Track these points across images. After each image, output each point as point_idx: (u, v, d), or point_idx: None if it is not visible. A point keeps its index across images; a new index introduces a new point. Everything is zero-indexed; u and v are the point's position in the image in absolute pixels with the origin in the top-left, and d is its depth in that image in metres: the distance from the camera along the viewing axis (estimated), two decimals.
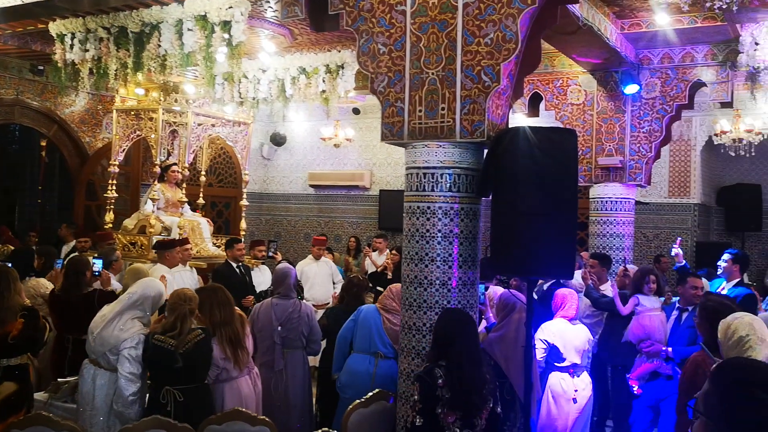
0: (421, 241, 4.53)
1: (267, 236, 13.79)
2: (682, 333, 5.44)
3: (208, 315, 4.61)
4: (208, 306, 4.62)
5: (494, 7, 4.25)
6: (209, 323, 4.58)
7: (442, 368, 3.69)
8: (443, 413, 3.66)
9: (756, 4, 5.89)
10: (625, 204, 7.98)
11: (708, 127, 10.90)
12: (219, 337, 4.55)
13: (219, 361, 4.54)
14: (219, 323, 4.58)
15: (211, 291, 4.81)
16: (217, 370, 4.55)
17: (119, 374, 4.34)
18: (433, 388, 3.66)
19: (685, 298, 5.59)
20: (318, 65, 8.21)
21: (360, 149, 13.33)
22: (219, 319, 4.59)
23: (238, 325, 4.66)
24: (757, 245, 12.39)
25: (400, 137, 4.59)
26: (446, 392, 3.65)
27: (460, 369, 3.67)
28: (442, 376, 3.66)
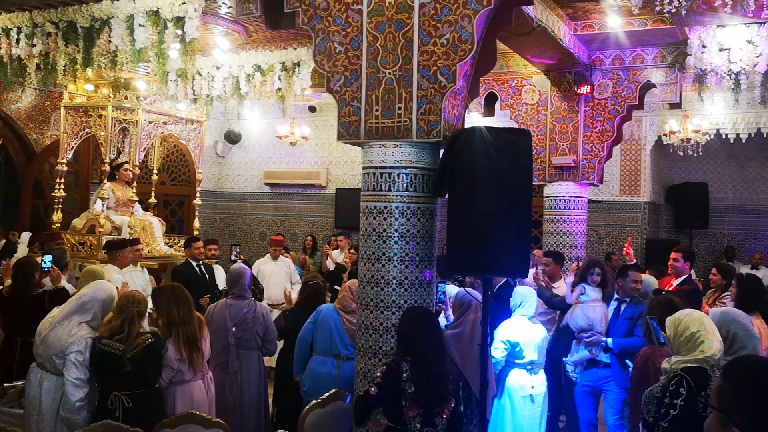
0: (377, 241, 4.52)
1: (221, 235, 13.64)
2: (620, 324, 5.57)
3: (165, 314, 4.50)
4: (166, 304, 4.52)
5: (450, 8, 4.27)
6: (166, 322, 4.48)
7: (407, 363, 3.75)
8: (406, 407, 3.70)
9: (703, 8, 6.04)
10: (578, 202, 8.12)
11: (657, 127, 11.17)
12: (176, 337, 4.44)
13: (173, 362, 4.44)
14: (176, 323, 4.47)
15: (169, 290, 4.70)
16: (172, 372, 4.45)
17: (66, 380, 4.21)
18: (398, 377, 3.71)
19: (624, 291, 5.72)
20: (274, 63, 8.14)
21: (316, 147, 13.27)
22: (177, 319, 4.47)
23: (195, 326, 4.57)
24: (704, 242, 12.77)
25: (356, 137, 4.57)
26: (410, 386, 3.71)
27: (425, 364, 3.74)
28: (408, 371, 3.72)
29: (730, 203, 12.59)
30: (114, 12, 6.05)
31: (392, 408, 3.74)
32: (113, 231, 7.47)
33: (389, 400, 3.73)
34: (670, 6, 4.14)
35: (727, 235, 12.66)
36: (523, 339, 5.32)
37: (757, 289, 5.30)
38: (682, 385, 3.23)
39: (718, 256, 12.37)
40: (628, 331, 5.50)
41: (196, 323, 4.54)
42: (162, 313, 4.50)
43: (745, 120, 10.55)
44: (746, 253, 12.23)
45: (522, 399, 5.35)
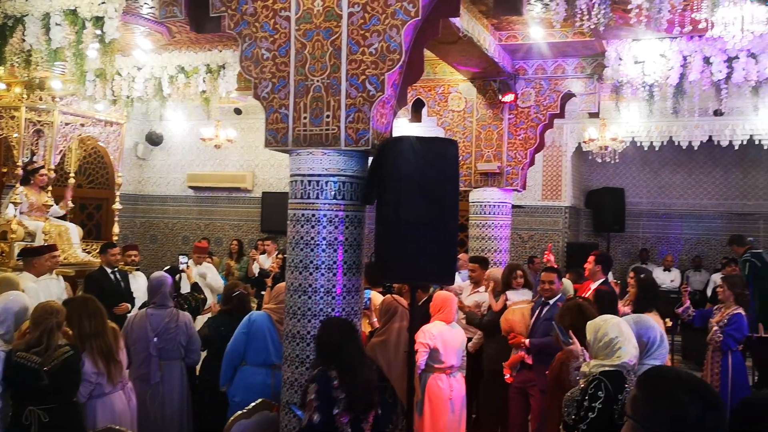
0: (305, 249, 4.49)
1: (142, 240, 13.27)
2: (540, 325, 5.74)
3: (77, 327, 4.34)
4: (77, 317, 4.36)
5: (378, 17, 4.29)
6: (78, 336, 4.32)
7: (334, 371, 3.75)
8: (339, 414, 3.73)
9: (620, 22, 6.29)
10: (502, 208, 8.29)
11: (577, 134, 11.55)
12: (90, 350, 4.30)
13: (91, 376, 4.29)
14: (89, 336, 4.33)
15: (80, 301, 4.55)
16: (90, 386, 4.30)
17: None
18: (329, 386, 3.71)
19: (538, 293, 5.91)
20: (198, 64, 7.98)
21: (242, 150, 13.08)
22: (89, 332, 4.34)
23: (110, 338, 4.43)
24: (621, 245, 13.30)
25: (284, 144, 4.53)
26: (341, 393, 3.72)
27: (353, 372, 3.77)
28: (337, 378, 3.72)
29: (644, 208, 13.17)
30: (29, 10, 5.78)
31: (328, 418, 3.74)
32: (26, 237, 7.13)
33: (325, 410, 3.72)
34: (590, 22, 4.28)
35: (642, 239, 13.23)
36: (442, 343, 5.39)
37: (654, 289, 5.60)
38: (601, 388, 3.34)
39: (634, 258, 12.90)
40: (545, 333, 5.65)
41: (110, 334, 4.40)
42: (74, 327, 4.34)
43: (659, 129, 11.04)
44: (659, 256, 12.81)
45: (441, 403, 5.42)
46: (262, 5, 4.53)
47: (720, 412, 1.97)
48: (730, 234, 12.52)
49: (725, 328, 5.91)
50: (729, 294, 6.02)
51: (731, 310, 5.94)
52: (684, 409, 1.95)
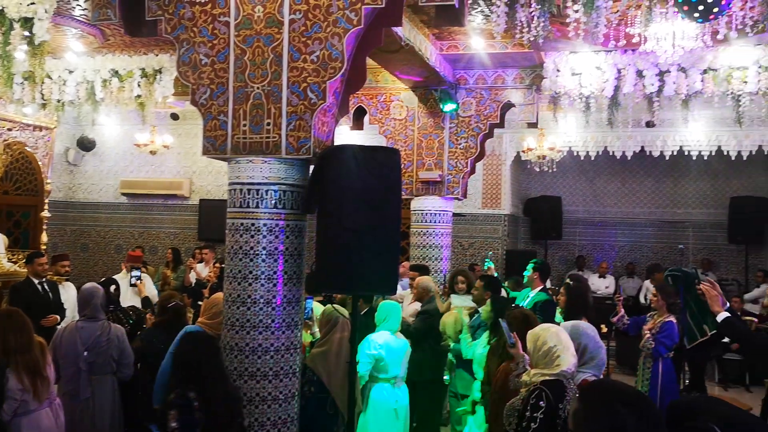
0: (244, 259, 4.39)
1: (72, 248, 12.80)
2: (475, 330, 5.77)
3: (1, 342, 4.13)
4: (1, 332, 4.14)
5: (320, 25, 4.24)
6: (2, 351, 4.10)
7: (193, 392, 3.60)
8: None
9: (558, 35, 6.42)
10: (443, 216, 8.34)
11: (516, 143, 11.73)
12: (15, 366, 4.09)
13: (16, 393, 4.07)
14: (14, 351, 4.11)
15: (4, 315, 4.32)
16: (15, 403, 4.09)
17: None
18: (190, 410, 3.56)
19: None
20: (133, 68, 7.77)
21: (179, 156, 12.78)
22: (14, 347, 4.12)
23: (37, 353, 4.21)
24: (558, 252, 13.57)
25: (222, 152, 4.43)
26: (202, 415, 3.58)
27: (213, 389, 3.64)
28: (196, 399, 3.58)
29: (580, 215, 13.48)
30: None
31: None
32: None
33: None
34: (529, 34, 4.34)
35: (578, 246, 13.54)
36: (387, 353, 5.36)
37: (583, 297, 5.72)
38: (542, 398, 3.36)
39: (570, 265, 13.18)
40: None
41: (37, 349, 4.20)
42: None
43: (594, 139, 11.33)
44: (595, 263, 13.12)
45: (386, 413, 5.39)
46: (201, 10, 4.42)
47: (656, 424, 2.01)
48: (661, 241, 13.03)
49: (657, 335, 6.07)
50: (662, 303, 6.18)
51: (663, 318, 6.11)
52: (622, 422, 1.98)
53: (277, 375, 4.37)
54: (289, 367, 4.42)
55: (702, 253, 12.54)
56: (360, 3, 4.18)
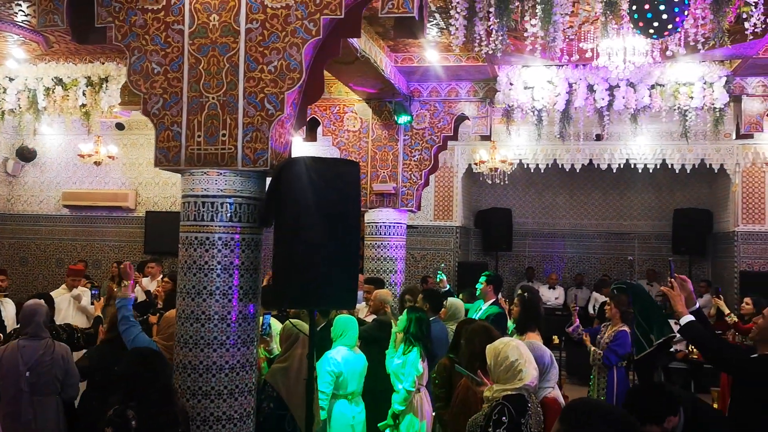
0: (198, 274, 4.25)
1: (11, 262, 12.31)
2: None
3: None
4: None
5: (278, 35, 4.16)
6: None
7: (133, 408, 3.44)
8: None
9: (512, 49, 6.48)
10: (397, 228, 8.32)
11: (468, 156, 11.82)
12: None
13: None
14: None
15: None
16: None
17: None
18: (128, 430, 3.39)
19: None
20: (78, 77, 7.53)
21: (124, 167, 12.43)
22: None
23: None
24: (508, 263, 13.71)
25: (176, 163, 4.29)
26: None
27: (155, 407, 3.48)
28: (135, 417, 3.41)
29: (530, 227, 13.65)
30: None
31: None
32: None
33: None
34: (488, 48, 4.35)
35: (528, 257, 13.70)
36: (346, 369, 5.28)
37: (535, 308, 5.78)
38: (504, 413, 3.34)
39: (521, 276, 13.32)
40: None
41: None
42: None
43: (544, 152, 11.50)
44: (544, 274, 13.29)
45: (344, 429, 5.30)
46: (153, 17, 4.28)
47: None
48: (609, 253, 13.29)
49: (610, 344, 6.14)
50: (616, 312, 6.27)
51: (617, 327, 6.19)
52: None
53: (232, 393, 4.24)
54: (244, 385, 4.30)
55: (647, 264, 12.83)
56: (318, 13, 4.11)
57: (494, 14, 4.20)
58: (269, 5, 4.17)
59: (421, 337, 5.45)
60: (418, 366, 5.40)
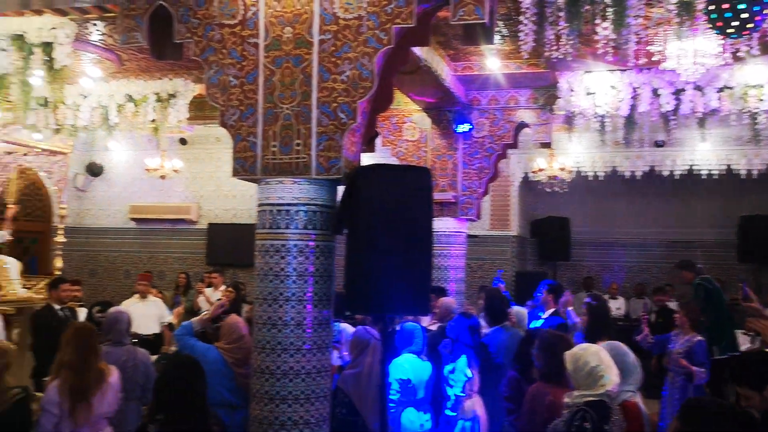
0: (275, 280, 4.35)
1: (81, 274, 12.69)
2: None
3: (60, 353, 4.17)
4: (63, 344, 4.19)
5: (350, 45, 4.25)
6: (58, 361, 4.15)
7: (158, 422, 3.44)
8: None
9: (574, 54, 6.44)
10: (457, 237, 8.32)
11: (524, 164, 11.74)
12: (61, 381, 4.06)
13: (52, 406, 4.02)
14: (65, 365, 4.11)
15: (73, 330, 4.35)
16: (53, 417, 4.02)
17: None
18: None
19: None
20: (147, 93, 7.79)
21: (187, 181, 12.76)
22: (66, 361, 4.12)
23: (90, 377, 4.14)
24: (566, 273, 13.51)
25: (252, 173, 4.41)
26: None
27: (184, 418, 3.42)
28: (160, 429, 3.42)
29: (588, 236, 13.44)
30: None
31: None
32: None
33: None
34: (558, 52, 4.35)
35: (586, 267, 13.48)
36: (414, 377, 5.29)
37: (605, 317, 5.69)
38: (586, 419, 3.31)
39: (578, 287, 13.11)
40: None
41: (93, 374, 4.14)
42: (58, 352, 4.17)
43: (602, 159, 11.34)
44: (603, 284, 13.05)
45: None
46: (230, 32, 4.43)
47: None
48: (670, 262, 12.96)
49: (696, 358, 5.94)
50: (685, 320, 6.13)
51: (691, 337, 6.04)
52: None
53: (308, 398, 4.31)
54: (320, 391, 4.37)
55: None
56: (390, 23, 4.19)
57: (564, 18, 4.19)
58: (341, 16, 4.27)
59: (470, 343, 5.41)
60: (468, 371, 5.36)
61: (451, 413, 5.43)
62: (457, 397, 5.37)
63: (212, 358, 4.73)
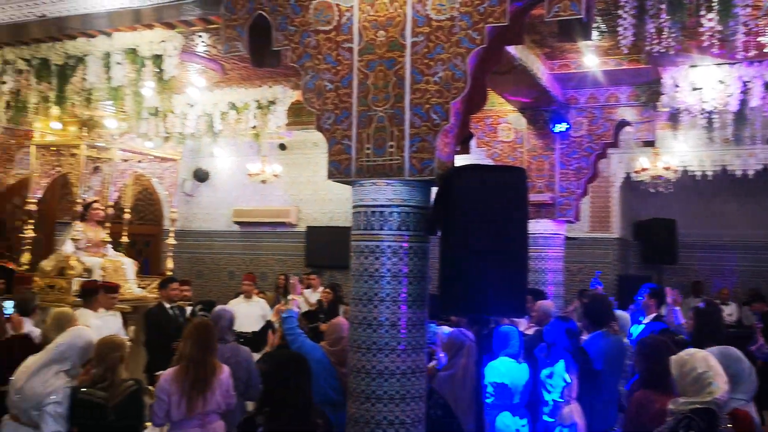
0: (369, 281, 4.41)
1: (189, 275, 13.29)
2: None
3: (182, 346, 4.45)
4: (185, 339, 4.47)
5: (443, 46, 4.26)
6: (179, 353, 4.43)
7: (264, 415, 3.50)
8: None
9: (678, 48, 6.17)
10: (555, 240, 8.14)
11: (626, 164, 11.34)
12: (181, 369, 4.34)
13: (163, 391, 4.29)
14: (185, 357, 4.39)
15: (194, 325, 4.65)
16: (164, 405, 4.27)
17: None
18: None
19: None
20: (249, 101, 8.07)
21: (286, 185, 13.14)
22: (186, 354, 4.40)
23: (209, 371, 4.40)
24: (672, 277, 12.91)
25: (347, 175, 4.50)
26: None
27: (286, 414, 3.49)
28: (263, 424, 3.47)
29: (696, 239, 12.79)
30: (89, 49, 5.91)
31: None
32: (84, 273, 7.20)
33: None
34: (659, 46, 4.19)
35: (695, 271, 12.83)
36: (510, 380, 5.22)
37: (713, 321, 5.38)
38: (692, 427, 3.18)
39: (687, 291, 12.50)
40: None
41: (209, 369, 4.38)
42: (178, 345, 4.47)
43: (711, 158, 10.78)
44: (713, 288, 12.38)
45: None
46: (325, 37, 4.54)
47: None
48: None
49: None
50: None
51: None
52: None
53: (403, 398, 4.33)
54: (415, 391, 4.38)
55: None
56: (482, 22, 4.17)
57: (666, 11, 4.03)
58: (434, 18, 4.29)
59: (569, 348, 5.27)
60: (566, 377, 5.22)
61: (549, 419, 5.32)
62: (555, 403, 5.26)
63: (318, 357, 4.87)
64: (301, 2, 4.61)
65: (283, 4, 4.65)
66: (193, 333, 4.46)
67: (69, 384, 4.14)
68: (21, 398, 4.08)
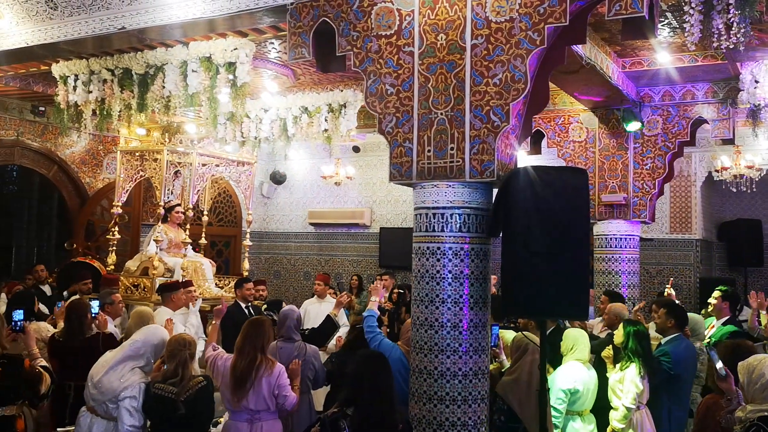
0: (431, 282, 4.46)
1: (266, 275, 13.70)
2: None
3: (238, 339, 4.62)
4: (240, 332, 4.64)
5: (503, 48, 4.27)
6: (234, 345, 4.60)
7: (348, 415, 3.51)
8: None
9: (756, 43, 5.94)
10: (630, 241, 7.95)
11: (707, 162, 10.92)
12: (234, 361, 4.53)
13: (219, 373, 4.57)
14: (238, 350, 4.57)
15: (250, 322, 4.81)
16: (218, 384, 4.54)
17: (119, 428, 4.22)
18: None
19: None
20: (320, 104, 8.24)
21: (360, 187, 13.32)
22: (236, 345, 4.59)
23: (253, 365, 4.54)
24: (760, 280, 12.32)
25: (408, 177, 4.56)
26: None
27: (370, 412, 3.50)
28: (347, 427, 3.48)
29: None
30: (168, 58, 6.21)
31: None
32: (166, 273, 7.55)
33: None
34: (728, 42, 4.06)
35: None
36: (582, 385, 5.11)
37: None
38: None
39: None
40: None
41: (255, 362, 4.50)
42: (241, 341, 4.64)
43: None
44: None
45: None
46: (386, 42, 4.62)
47: None
48: None
49: None
50: None
51: None
52: None
53: (465, 400, 4.36)
54: (477, 393, 4.40)
55: None
56: (543, 23, 4.15)
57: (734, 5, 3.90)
58: (493, 20, 4.30)
59: (640, 352, 5.12)
60: (638, 383, 5.08)
61: (618, 425, 5.22)
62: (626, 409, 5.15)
63: (396, 356, 4.93)
64: (363, 8, 4.72)
65: (346, 10, 4.77)
66: (246, 327, 4.63)
67: (144, 380, 4.37)
68: (98, 392, 4.33)
